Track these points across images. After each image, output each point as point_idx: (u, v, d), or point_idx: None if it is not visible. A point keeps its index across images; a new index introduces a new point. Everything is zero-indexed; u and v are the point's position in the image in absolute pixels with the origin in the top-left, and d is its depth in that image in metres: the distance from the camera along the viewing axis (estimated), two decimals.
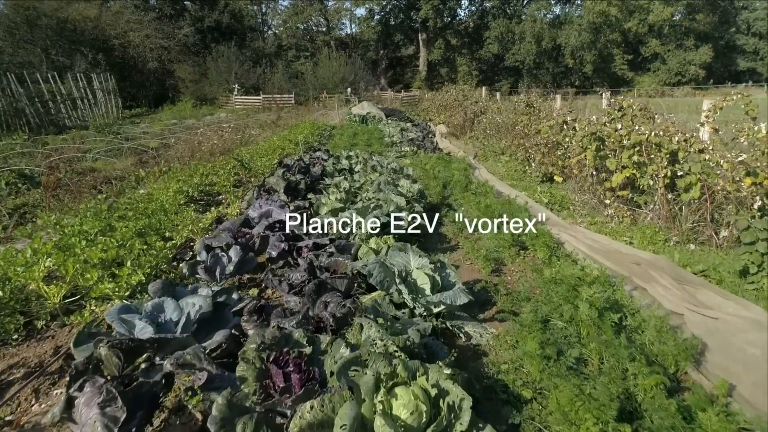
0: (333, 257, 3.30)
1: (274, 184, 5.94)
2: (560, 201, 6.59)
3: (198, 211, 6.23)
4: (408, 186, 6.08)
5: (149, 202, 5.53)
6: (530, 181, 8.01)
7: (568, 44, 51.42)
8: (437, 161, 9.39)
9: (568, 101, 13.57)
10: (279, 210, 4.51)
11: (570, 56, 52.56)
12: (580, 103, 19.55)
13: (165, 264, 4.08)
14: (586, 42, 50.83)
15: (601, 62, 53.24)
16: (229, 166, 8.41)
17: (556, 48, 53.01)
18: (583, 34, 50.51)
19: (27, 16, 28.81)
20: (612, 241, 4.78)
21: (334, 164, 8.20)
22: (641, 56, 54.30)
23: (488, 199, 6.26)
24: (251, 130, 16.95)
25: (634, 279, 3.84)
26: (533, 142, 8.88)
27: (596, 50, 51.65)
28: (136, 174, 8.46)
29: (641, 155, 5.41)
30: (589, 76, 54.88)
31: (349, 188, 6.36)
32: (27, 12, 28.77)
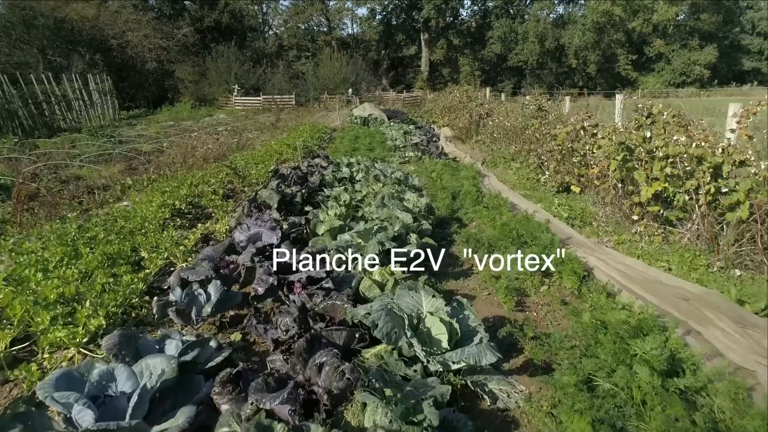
0: (329, 300, 2.74)
1: (267, 198, 5.37)
2: (581, 215, 6.01)
3: (184, 227, 5.68)
4: (414, 200, 5.51)
5: (126, 219, 4.96)
6: (545, 192, 7.44)
7: (571, 44, 50.86)
8: (444, 168, 8.82)
9: (574, 102, 12.99)
10: (269, 233, 3.95)
11: (573, 56, 52.00)
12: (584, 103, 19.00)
13: (137, 298, 3.52)
14: (590, 42, 50.26)
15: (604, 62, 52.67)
16: (221, 175, 7.85)
17: (559, 48, 52.47)
18: (587, 34, 49.95)
19: (23, 15, 28.33)
20: (648, 267, 4.20)
21: (333, 172, 7.64)
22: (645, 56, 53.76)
23: (503, 214, 5.69)
24: (249, 133, 16.41)
25: (682, 317, 3.27)
26: (546, 148, 8.30)
27: (600, 50, 51.08)
28: (122, 183, 7.90)
29: (675, 168, 4.84)
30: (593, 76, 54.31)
31: (349, 201, 5.80)
32: (23, 12, 28.29)
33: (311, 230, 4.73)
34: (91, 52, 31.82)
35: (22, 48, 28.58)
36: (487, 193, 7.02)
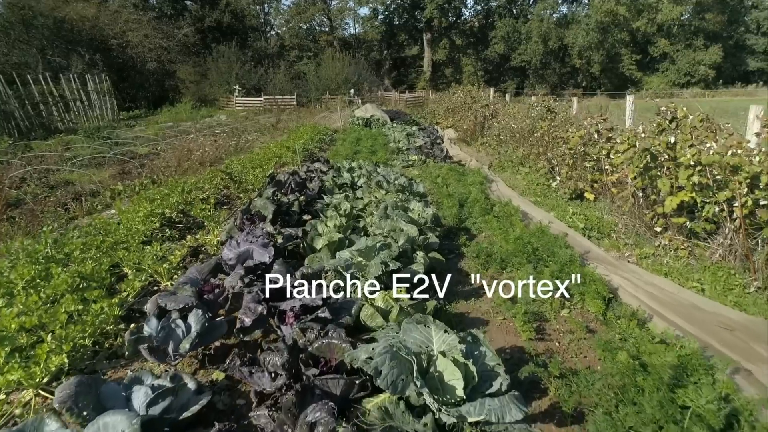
0: (325, 339, 2.35)
1: (261, 208, 4.99)
2: (597, 225, 5.61)
3: (173, 239, 5.31)
4: (420, 210, 5.13)
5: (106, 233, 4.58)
6: (557, 199, 7.04)
7: (575, 44, 50.40)
8: (449, 173, 8.43)
9: (579, 103, 12.55)
10: (261, 250, 3.57)
11: (577, 56, 51.53)
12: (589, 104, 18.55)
13: (111, 325, 3.14)
14: (594, 42, 49.80)
15: (608, 62, 52.20)
16: (216, 180, 7.48)
17: (562, 48, 52.00)
18: (591, 34, 49.48)
19: (22, 15, 28.02)
20: (680, 288, 3.81)
21: (334, 178, 7.26)
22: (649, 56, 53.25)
23: (514, 225, 5.30)
24: (248, 135, 16.05)
25: (726, 350, 2.88)
26: (557, 152, 7.92)
27: (604, 50, 50.60)
28: (113, 188, 7.54)
29: (704, 176, 4.45)
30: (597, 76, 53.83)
31: (350, 210, 5.42)
32: (22, 11, 27.98)
33: (308, 244, 4.34)
34: (90, 52, 31.53)
35: (21, 48, 28.31)
36: (497, 200, 6.62)
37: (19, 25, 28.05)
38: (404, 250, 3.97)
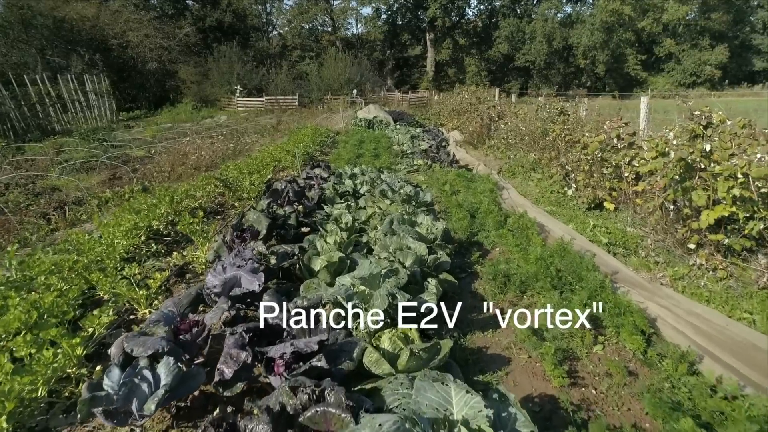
0: (319, 405, 1.89)
1: (254, 222, 4.54)
2: (622, 240, 5.13)
3: (160, 254, 4.86)
4: (429, 224, 4.67)
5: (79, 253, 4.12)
6: (574, 208, 6.57)
7: (579, 44, 49.88)
8: (457, 179, 7.97)
9: (582, 103, 12.00)
10: (250, 277, 3.12)
11: (582, 56, 50.99)
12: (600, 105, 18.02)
13: (73, 367, 2.70)
14: (599, 42, 49.28)
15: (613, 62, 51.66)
16: (209, 188, 7.04)
17: (567, 48, 51.46)
18: (596, 34, 48.98)
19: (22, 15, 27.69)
20: (728, 320, 3.34)
21: (335, 185, 6.81)
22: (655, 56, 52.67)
23: (531, 239, 4.83)
24: (248, 137, 15.61)
25: None
26: (572, 157, 7.44)
27: (609, 50, 50.06)
28: (100, 196, 7.10)
29: (747, 190, 3.98)
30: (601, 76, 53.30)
31: (352, 224, 4.97)
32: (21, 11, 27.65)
33: (305, 265, 3.88)
34: (90, 53, 31.20)
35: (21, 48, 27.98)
36: (511, 211, 6.15)
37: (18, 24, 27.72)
38: (413, 273, 3.51)
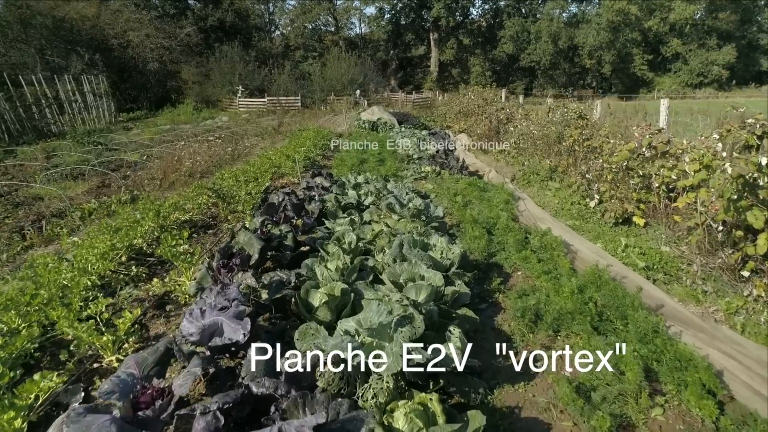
0: None
1: (245, 245, 3.99)
2: (661, 263, 4.55)
3: (140, 279, 4.31)
4: (443, 246, 4.10)
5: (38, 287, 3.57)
6: (599, 223, 5.99)
7: (585, 44, 49.20)
8: (468, 188, 7.39)
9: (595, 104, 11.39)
10: (234, 324, 2.55)
11: (587, 56, 50.34)
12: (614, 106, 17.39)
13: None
14: (605, 41, 48.65)
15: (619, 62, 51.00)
16: (201, 199, 6.49)
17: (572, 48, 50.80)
18: (602, 33, 48.34)
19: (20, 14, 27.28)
20: None
21: (337, 196, 6.25)
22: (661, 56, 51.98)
23: (560, 265, 4.26)
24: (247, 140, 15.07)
25: None
26: (594, 165, 6.87)
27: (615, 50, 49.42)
28: (83, 207, 6.57)
29: None
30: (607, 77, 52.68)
31: (356, 244, 4.41)
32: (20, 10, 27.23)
33: (302, 299, 3.33)
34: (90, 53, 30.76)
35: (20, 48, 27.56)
36: (531, 227, 5.58)
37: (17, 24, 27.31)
38: (429, 314, 2.94)
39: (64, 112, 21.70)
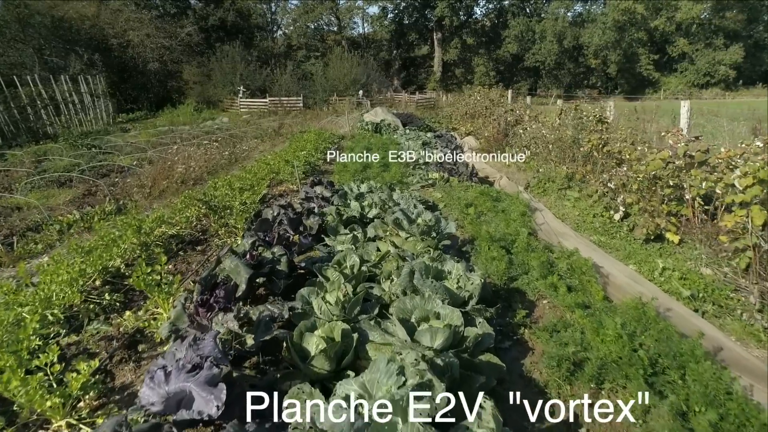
0: None
1: (232, 272, 3.46)
2: (708, 291, 3.98)
3: (112, 310, 3.77)
4: (460, 274, 3.55)
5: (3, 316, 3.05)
6: (627, 239, 5.42)
7: (590, 43, 48.54)
8: (480, 197, 6.84)
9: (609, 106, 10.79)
10: (205, 393, 2.01)
11: (593, 56, 49.67)
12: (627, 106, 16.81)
13: None
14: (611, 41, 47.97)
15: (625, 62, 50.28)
16: (190, 211, 5.96)
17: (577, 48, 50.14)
18: (608, 33, 47.70)
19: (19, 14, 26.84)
20: None
21: (339, 209, 5.70)
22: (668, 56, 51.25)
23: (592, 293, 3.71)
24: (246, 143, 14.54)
25: None
26: (617, 173, 6.31)
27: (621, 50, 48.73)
28: (62, 220, 6.04)
29: None
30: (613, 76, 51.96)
31: (359, 269, 3.87)
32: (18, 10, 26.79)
33: (294, 344, 2.79)
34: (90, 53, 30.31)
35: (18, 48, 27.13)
36: (554, 246, 5.02)
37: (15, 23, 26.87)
38: (449, 367, 2.40)
39: (61, 113, 21.22)
